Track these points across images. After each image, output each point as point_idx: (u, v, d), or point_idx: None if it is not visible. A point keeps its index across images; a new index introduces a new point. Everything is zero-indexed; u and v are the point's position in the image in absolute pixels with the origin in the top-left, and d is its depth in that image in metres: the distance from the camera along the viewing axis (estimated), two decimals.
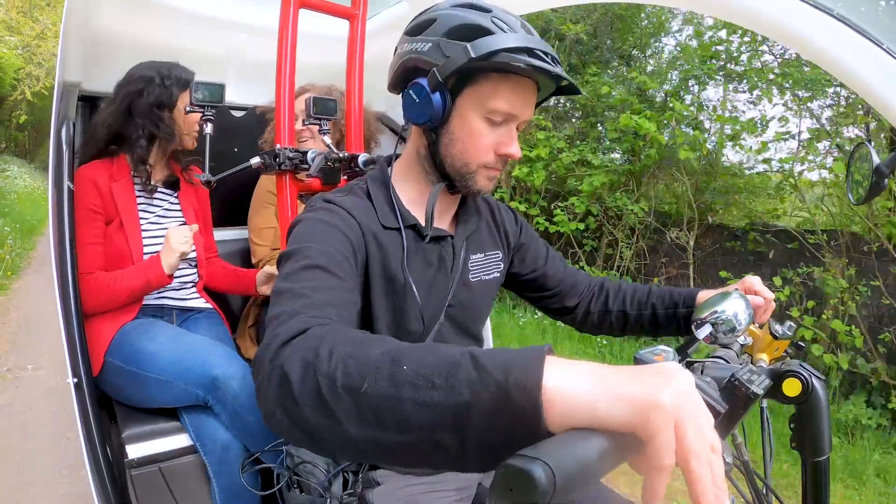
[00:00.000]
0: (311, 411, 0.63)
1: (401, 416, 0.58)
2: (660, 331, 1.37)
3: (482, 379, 0.55)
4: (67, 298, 1.50)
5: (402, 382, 0.58)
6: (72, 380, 1.46)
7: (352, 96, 1.78)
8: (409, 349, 0.62)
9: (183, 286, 1.95)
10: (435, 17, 1.08)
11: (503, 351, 0.58)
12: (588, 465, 0.46)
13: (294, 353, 0.68)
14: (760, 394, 0.70)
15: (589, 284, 1.46)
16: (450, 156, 1.11)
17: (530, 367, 0.54)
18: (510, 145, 1.09)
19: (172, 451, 1.64)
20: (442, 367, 0.58)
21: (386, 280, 1.14)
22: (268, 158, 1.61)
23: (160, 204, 1.92)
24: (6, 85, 13.59)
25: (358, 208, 1.12)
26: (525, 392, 0.53)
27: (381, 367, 0.61)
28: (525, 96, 1.08)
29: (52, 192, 1.56)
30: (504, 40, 0.99)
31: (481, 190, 1.14)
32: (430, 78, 1.04)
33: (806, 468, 0.88)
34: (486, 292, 1.32)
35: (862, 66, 1.21)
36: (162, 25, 2.17)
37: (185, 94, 1.84)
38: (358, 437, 0.61)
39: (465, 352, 0.59)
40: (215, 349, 1.67)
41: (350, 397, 0.61)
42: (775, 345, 1.10)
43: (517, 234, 1.41)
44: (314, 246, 0.97)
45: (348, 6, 1.76)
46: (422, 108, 1.07)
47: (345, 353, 0.64)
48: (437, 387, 0.57)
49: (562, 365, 0.55)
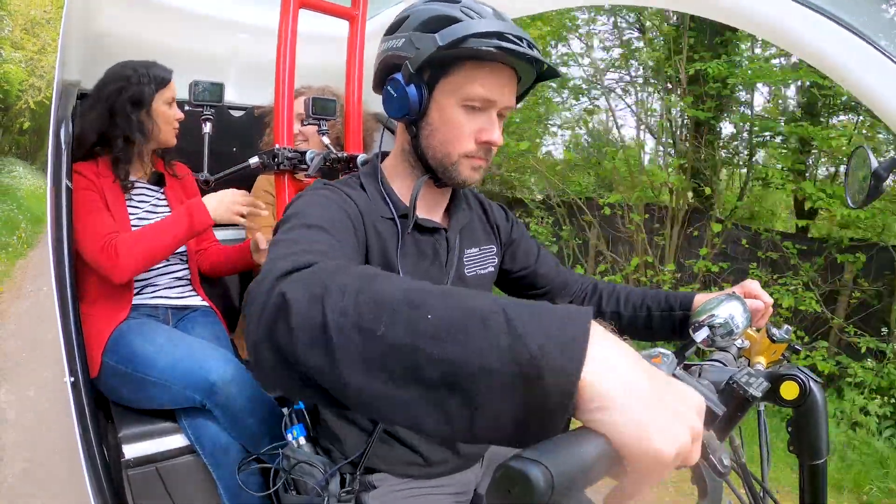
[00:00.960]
0: (307, 348, 0.57)
1: (411, 368, 0.51)
2: (654, 334, 1.36)
3: (514, 348, 0.47)
4: (65, 296, 1.50)
5: (421, 332, 0.51)
6: (69, 379, 1.45)
7: (351, 97, 1.78)
8: (434, 293, 0.55)
9: (176, 282, 1.94)
10: (408, 13, 1.09)
11: (542, 311, 0.50)
12: (587, 468, 0.46)
13: (298, 282, 0.61)
14: (759, 396, 0.70)
15: (581, 285, 1.45)
16: (431, 147, 1.12)
17: (572, 347, 0.47)
18: (491, 132, 1.09)
19: (169, 451, 1.64)
20: (470, 323, 0.50)
21: (383, 269, 1.14)
22: (266, 158, 1.61)
23: (147, 201, 1.91)
24: (12, 96, 14.53)
25: (356, 196, 1.13)
26: (560, 378, 0.46)
27: (400, 309, 0.53)
28: (502, 82, 1.07)
29: (51, 191, 1.56)
30: (471, 26, 1.00)
31: (466, 180, 1.14)
32: (404, 71, 1.05)
33: (804, 471, 0.88)
34: (481, 286, 1.32)
35: (858, 67, 1.20)
36: (161, 25, 2.17)
37: (163, 91, 1.84)
38: (352, 383, 0.54)
39: (497, 307, 0.51)
40: (212, 352, 1.66)
41: (360, 338, 0.54)
42: (773, 348, 1.10)
43: (508, 231, 1.40)
44: (312, 212, 0.96)
45: (348, 7, 1.76)
46: (399, 102, 1.08)
47: (358, 286, 0.57)
48: (460, 343, 0.49)
49: (605, 349, 0.48)
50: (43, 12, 14.44)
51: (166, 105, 1.85)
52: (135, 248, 1.64)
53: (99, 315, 1.72)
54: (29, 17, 14.21)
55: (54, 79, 1.75)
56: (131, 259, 1.63)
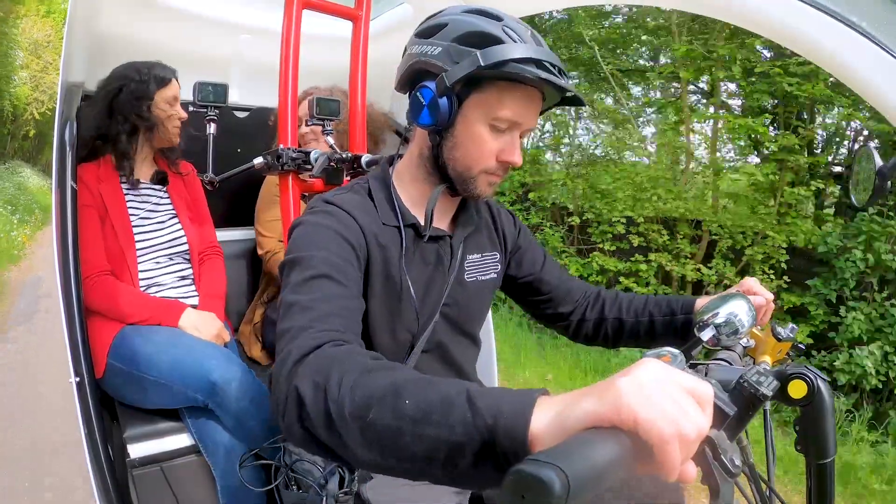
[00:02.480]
0: (323, 430, 0.71)
1: (401, 445, 0.64)
2: (656, 340, 1.36)
3: (475, 421, 0.60)
4: (70, 297, 1.50)
5: (403, 415, 0.64)
6: (74, 379, 1.45)
7: (355, 97, 1.78)
8: (412, 381, 0.68)
9: (181, 282, 1.94)
10: (447, 21, 1.08)
11: (499, 393, 0.63)
12: (602, 469, 0.45)
13: (306, 373, 0.75)
14: (769, 395, 0.70)
15: (585, 293, 1.46)
16: (452, 159, 1.12)
17: (519, 413, 0.58)
18: (513, 153, 1.10)
19: (174, 450, 1.64)
20: (440, 405, 0.63)
21: (385, 278, 1.15)
22: (271, 159, 1.60)
23: (149, 200, 1.92)
24: (19, 109, 17.33)
25: (358, 208, 1.13)
26: (512, 437, 0.58)
27: (385, 398, 0.66)
28: (530, 106, 1.08)
29: (56, 192, 1.56)
30: (514, 50, 1.00)
31: (481, 194, 1.15)
32: (439, 83, 1.04)
33: (811, 470, 0.88)
34: (481, 292, 1.32)
35: (860, 63, 1.20)
36: (165, 26, 2.17)
37: (164, 90, 1.85)
38: (364, 458, 0.68)
39: (462, 390, 0.64)
40: (213, 352, 1.66)
41: (356, 424, 0.67)
42: (778, 347, 1.10)
43: (515, 237, 1.41)
44: (317, 254, 0.99)
45: (351, 7, 1.76)
46: (428, 111, 1.08)
47: (352, 381, 0.70)
48: (435, 423, 0.62)
49: (552, 405, 0.58)
50: (45, 35, 17.47)
51: (167, 104, 1.86)
52: (103, 302, 1.71)
53: (107, 316, 1.72)
54: (33, 40, 17.22)
55: (59, 80, 1.75)
56: (101, 302, 1.71)
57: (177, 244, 1.93)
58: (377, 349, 1.17)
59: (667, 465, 0.50)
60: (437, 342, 1.26)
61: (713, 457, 0.62)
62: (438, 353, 1.28)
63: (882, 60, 1.17)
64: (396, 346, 1.20)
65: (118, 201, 1.81)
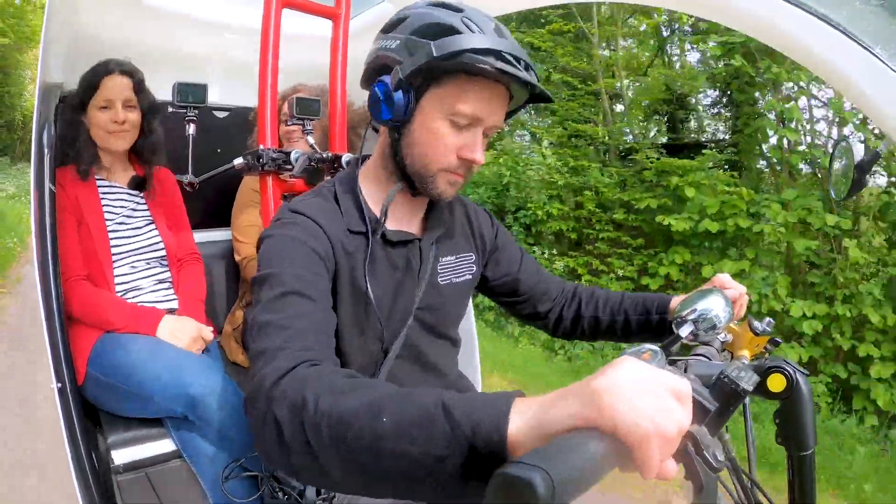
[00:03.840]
0: (301, 456, 0.70)
1: (381, 465, 0.63)
2: (632, 337, 1.37)
3: (455, 434, 0.60)
4: (50, 301, 1.48)
5: (381, 435, 0.63)
6: (55, 385, 1.43)
7: (335, 96, 1.77)
8: (388, 398, 0.67)
9: (159, 286, 1.91)
10: (407, 14, 1.06)
11: (475, 400, 0.62)
12: (585, 470, 0.46)
13: (282, 398, 0.74)
14: (750, 390, 0.71)
15: (562, 290, 1.45)
16: (410, 156, 1.09)
17: (496, 420, 0.58)
18: (474, 150, 1.06)
19: (158, 456, 1.62)
20: (418, 421, 0.62)
21: (352, 287, 1.12)
22: (251, 159, 1.59)
23: (125, 205, 1.89)
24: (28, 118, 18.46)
25: (324, 214, 1.10)
26: (491, 445, 0.58)
27: (363, 419, 0.65)
28: (493, 101, 1.04)
29: (34, 194, 1.53)
30: (470, 40, 0.96)
31: (442, 194, 1.11)
32: (393, 76, 1.02)
33: (792, 462, 0.89)
34: (457, 295, 1.30)
35: (850, 68, 1.21)
36: (144, 25, 2.14)
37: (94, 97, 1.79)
38: (342, 480, 0.68)
39: (438, 402, 0.63)
40: (192, 363, 1.63)
41: (334, 448, 0.67)
42: (755, 341, 1.11)
43: (492, 238, 1.38)
44: (287, 270, 0.98)
45: (331, 6, 1.75)
46: (384, 105, 1.05)
47: (328, 403, 0.69)
48: (415, 440, 0.61)
49: (528, 407, 0.58)
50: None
51: (97, 109, 1.80)
52: (85, 301, 1.70)
53: (82, 321, 1.71)
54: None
55: (37, 80, 1.72)
56: (78, 307, 1.69)
57: (153, 249, 1.90)
58: (349, 357, 1.15)
59: (646, 464, 0.51)
60: (411, 346, 1.23)
61: (696, 452, 0.63)
62: (414, 358, 1.25)
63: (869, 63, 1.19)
64: (368, 354, 1.18)
65: (94, 205, 1.78)
